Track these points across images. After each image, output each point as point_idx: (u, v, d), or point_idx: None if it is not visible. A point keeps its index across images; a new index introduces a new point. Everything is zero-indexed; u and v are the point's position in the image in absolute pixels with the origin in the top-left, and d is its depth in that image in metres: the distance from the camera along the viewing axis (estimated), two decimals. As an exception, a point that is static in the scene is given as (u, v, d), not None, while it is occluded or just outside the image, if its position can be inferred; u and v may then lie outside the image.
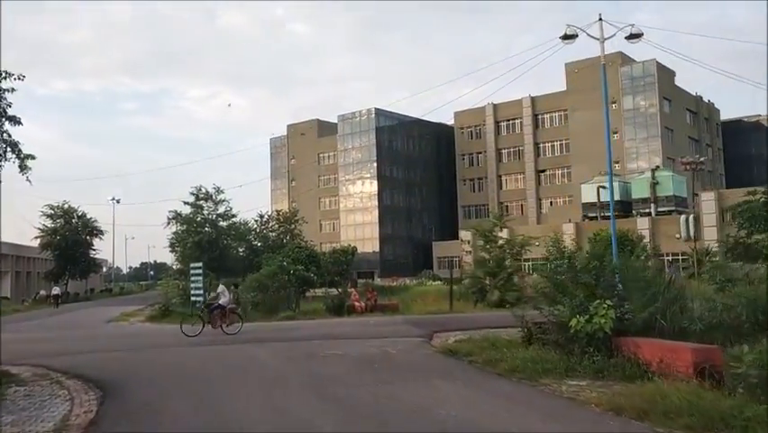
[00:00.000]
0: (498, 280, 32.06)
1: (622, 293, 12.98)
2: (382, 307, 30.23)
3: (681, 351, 10.83)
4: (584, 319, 12.35)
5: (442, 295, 41.00)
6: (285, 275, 29.39)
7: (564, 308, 13.48)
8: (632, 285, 13.22)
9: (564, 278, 13.81)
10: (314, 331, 20.30)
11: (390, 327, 21.14)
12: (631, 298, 13.00)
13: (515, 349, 14.33)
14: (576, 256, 14.79)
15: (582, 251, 55.10)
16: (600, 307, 12.46)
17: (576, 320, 12.43)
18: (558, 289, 13.76)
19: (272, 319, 27.42)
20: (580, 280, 13.37)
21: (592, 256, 14.03)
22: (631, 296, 13.03)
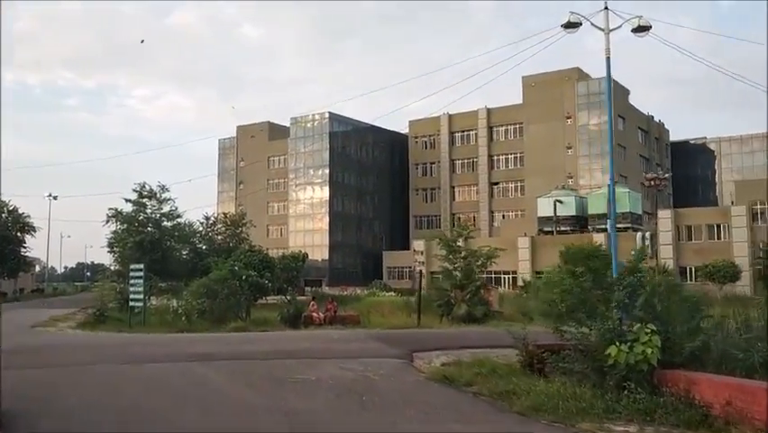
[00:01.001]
0: (465, 294, 29.68)
1: (663, 316, 10.61)
2: (342, 319, 27.45)
3: (759, 392, 8.49)
4: (626, 348, 9.93)
5: (397, 307, 38.55)
6: (236, 281, 26.36)
7: (591, 332, 11.08)
8: (674, 306, 10.87)
9: (591, 294, 11.38)
10: (272, 346, 17.40)
11: (359, 344, 18.42)
12: (673, 321, 10.66)
13: (523, 379, 11.89)
14: (598, 271, 12.22)
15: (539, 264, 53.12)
16: (642, 332, 10.08)
17: (616, 348, 9.98)
18: (584, 307, 11.34)
19: (221, 330, 24.35)
20: (613, 298, 10.96)
21: (626, 270, 11.55)
22: (673, 319, 10.69)
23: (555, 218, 63.04)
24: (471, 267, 31.32)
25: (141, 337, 21.97)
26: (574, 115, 77.22)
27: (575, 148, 77.12)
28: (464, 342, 19.25)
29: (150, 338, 21.84)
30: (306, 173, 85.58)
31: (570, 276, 11.94)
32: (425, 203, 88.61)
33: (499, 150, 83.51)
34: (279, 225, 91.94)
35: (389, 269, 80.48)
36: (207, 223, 64.95)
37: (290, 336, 21.45)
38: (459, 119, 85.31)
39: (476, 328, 25.48)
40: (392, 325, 26.46)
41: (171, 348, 17.28)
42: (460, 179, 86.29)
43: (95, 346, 18.96)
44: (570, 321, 11.60)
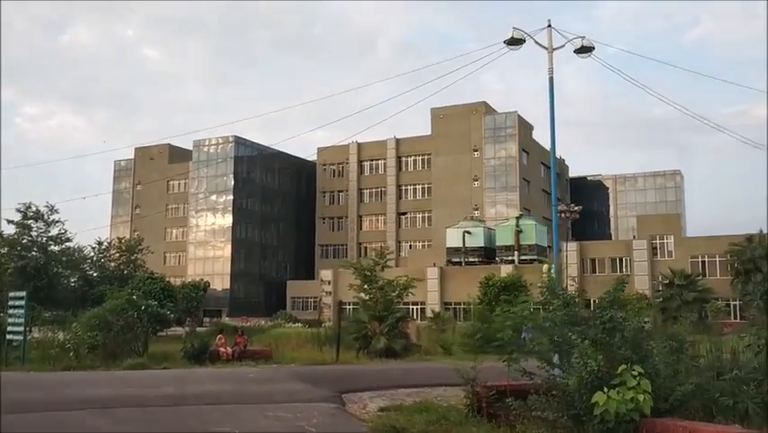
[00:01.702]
0: (384, 326, 27.96)
1: (647, 355, 9.32)
2: (252, 354, 25.10)
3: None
4: (616, 394, 8.52)
5: (305, 339, 36.43)
6: (134, 311, 23.53)
7: (565, 374, 9.65)
8: (658, 344, 9.61)
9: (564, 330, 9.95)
10: (179, 389, 15.03)
11: (279, 385, 16.33)
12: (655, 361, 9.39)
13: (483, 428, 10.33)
14: (575, 302, 10.84)
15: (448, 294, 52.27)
16: (629, 374, 8.72)
17: (604, 395, 8.56)
18: (560, 345, 9.90)
19: (115, 367, 21.51)
20: (594, 337, 9.57)
21: (605, 303, 10.21)
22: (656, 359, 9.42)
23: (464, 249, 62.77)
24: (391, 298, 29.71)
25: (19, 377, 18.89)
26: (481, 148, 78.00)
27: (481, 180, 77.76)
28: (394, 380, 17.57)
29: (30, 378, 18.82)
30: (207, 198, 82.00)
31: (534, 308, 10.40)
32: (331, 232, 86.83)
33: (408, 180, 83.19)
34: (178, 253, 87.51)
35: (294, 299, 77.90)
36: (100, 248, 60.41)
37: (198, 375, 18.98)
38: (368, 148, 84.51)
39: (398, 364, 23.83)
40: (308, 360, 24.42)
41: (56, 392, 14.59)
42: (368, 209, 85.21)
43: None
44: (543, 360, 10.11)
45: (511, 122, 77.58)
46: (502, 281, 30.65)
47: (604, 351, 9.42)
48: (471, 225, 64.88)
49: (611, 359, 9.37)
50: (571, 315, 10.14)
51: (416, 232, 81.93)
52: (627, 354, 9.13)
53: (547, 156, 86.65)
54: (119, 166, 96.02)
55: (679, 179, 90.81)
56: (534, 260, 60.16)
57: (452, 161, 78.87)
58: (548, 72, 17.11)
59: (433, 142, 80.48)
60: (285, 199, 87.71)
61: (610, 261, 56.56)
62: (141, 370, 20.90)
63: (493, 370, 12.13)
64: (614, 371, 9.02)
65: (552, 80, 17.06)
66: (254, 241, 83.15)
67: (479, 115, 78.67)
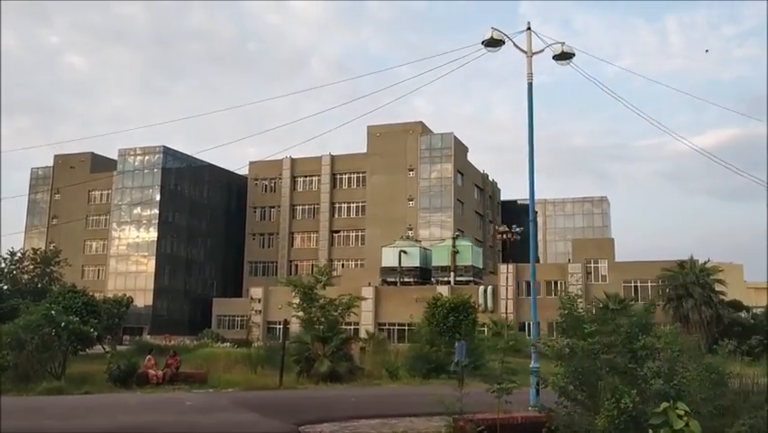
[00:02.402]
0: (329, 348, 26.06)
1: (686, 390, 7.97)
2: (185, 376, 22.77)
3: None
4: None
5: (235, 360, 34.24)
6: (52, 328, 20.85)
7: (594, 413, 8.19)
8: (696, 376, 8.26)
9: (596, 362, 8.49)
10: (108, 421, 12.84)
11: (224, 415, 14.31)
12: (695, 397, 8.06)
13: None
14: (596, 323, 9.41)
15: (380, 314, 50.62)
16: (673, 414, 7.33)
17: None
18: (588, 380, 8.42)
19: (28, 391, 18.88)
20: (623, 368, 8.16)
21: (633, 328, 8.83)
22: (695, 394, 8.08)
23: (399, 269, 61.45)
24: (335, 317, 27.90)
25: None
26: (416, 168, 77.19)
27: (416, 200, 76.86)
28: (351, 410, 15.84)
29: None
30: (131, 210, 77.81)
31: (573, 337, 8.91)
32: (261, 248, 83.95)
33: (342, 197, 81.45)
34: (97, 266, 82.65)
35: (220, 317, 74.47)
36: (12, 259, 55.93)
37: (128, 402, 16.64)
38: (302, 163, 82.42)
39: (348, 390, 22.05)
40: (248, 384, 22.32)
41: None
42: (300, 225, 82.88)
43: None
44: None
45: (447, 142, 77.16)
46: (450, 302, 29.24)
47: (635, 384, 8.02)
48: (407, 244, 63.70)
49: (642, 393, 7.99)
50: (594, 343, 8.66)
51: (349, 250, 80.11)
52: (663, 388, 7.75)
53: (481, 178, 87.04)
54: (36, 174, 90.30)
55: (605, 205, 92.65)
56: (471, 281, 59.38)
57: (387, 179, 77.72)
58: (527, 78, 16.00)
59: (368, 161, 79.18)
60: (214, 214, 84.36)
61: (545, 283, 56.29)
62: (58, 395, 18.39)
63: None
64: (649, 408, 7.63)
65: (530, 86, 15.93)
66: (180, 256, 79.39)
67: (415, 135, 77.95)
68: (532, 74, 15.84)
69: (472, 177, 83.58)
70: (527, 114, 15.76)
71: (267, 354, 36.69)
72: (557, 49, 15.98)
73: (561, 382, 8.45)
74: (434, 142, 77.69)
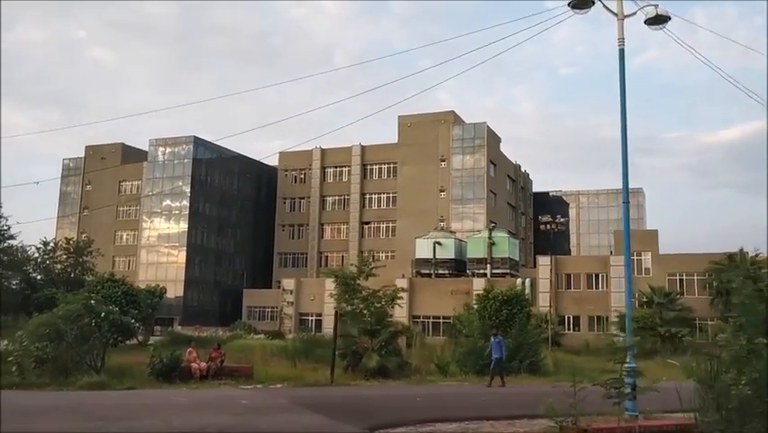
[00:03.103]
0: (377, 342, 24.53)
1: None
2: (230, 371, 21.37)
3: None
4: None
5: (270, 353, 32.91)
6: (92, 319, 19.53)
7: None
8: None
9: None
10: (161, 421, 11.39)
11: (287, 417, 12.81)
12: None
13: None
14: None
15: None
16: None
17: None
18: None
19: (68, 385, 17.58)
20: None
21: None
22: None
23: (434, 261, 59.78)
24: (383, 310, 26.34)
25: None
26: (448, 158, 75.38)
27: (448, 191, 75.06)
28: (420, 411, 14.29)
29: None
30: (162, 201, 76.90)
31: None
32: (291, 240, 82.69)
33: (372, 188, 79.83)
34: (128, 257, 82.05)
35: (250, 308, 73.35)
36: (45, 249, 55.19)
37: (178, 400, 15.18)
38: (332, 154, 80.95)
39: (404, 387, 20.53)
40: (298, 380, 20.88)
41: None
42: (330, 217, 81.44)
43: None
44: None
45: (480, 132, 75.21)
46: (503, 295, 27.54)
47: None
48: (442, 235, 61.93)
49: None
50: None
51: (379, 242, 78.51)
52: None
53: (513, 169, 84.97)
54: (67, 165, 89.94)
55: (641, 197, 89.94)
56: (507, 274, 57.52)
57: (418, 170, 76.01)
58: (618, 43, 14.25)
59: (399, 151, 77.49)
60: (243, 205, 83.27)
61: (586, 276, 54.28)
62: (101, 391, 17.06)
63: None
64: None
65: (622, 52, 14.19)
66: (210, 247, 78.42)
67: (447, 125, 76.06)
68: (624, 39, 14.12)
69: (505, 168, 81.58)
70: (619, 82, 14.02)
71: (304, 346, 35.44)
72: (650, 12, 14.17)
73: (743, 390, 6.75)
74: (467, 132, 75.78)
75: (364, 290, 29.39)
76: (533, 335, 26.96)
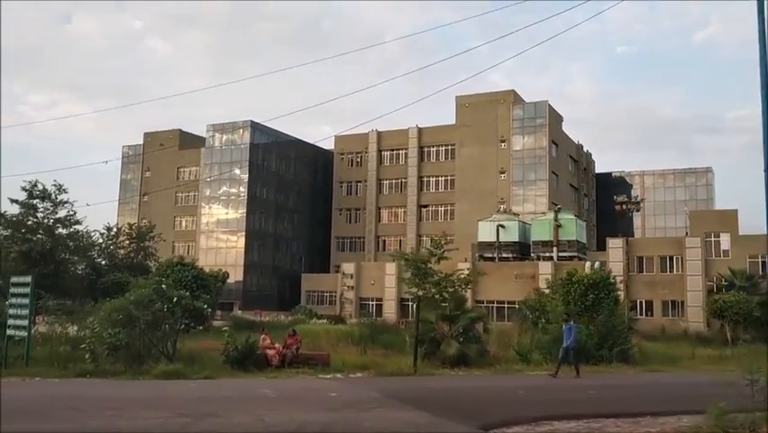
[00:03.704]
0: (456, 328, 23.13)
1: None
2: (306, 358, 20.29)
3: None
4: None
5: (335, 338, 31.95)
6: (164, 304, 18.66)
7: None
8: None
9: None
10: (247, 419, 10.22)
11: (386, 413, 11.52)
12: None
13: None
14: None
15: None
16: None
17: None
18: None
19: (142, 374, 16.72)
20: None
21: None
22: None
23: (497, 244, 57.91)
24: (462, 294, 24.92)
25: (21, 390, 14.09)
26: (509, 139, 73.11)
27: (508, 173, 72.88)
28: (530, 406, 12.85)
29: (35, 390, 13.99)
30: (220, 186, 76.88)
31: None
32: (348, 224, 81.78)
33: (430, 171, 78.13)
34: (187, 242, 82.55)
35: (309, 293, 72.78)
36: (109, 234, 55.48)
37: (260, 391, 14.08)
38: (388, 137, 79.50)
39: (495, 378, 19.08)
40: (377, 369, 19.65)
41: (75, 421, 9.74)
42: (387, 200, 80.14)
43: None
44: None
45: (541, 112, 72.64)
46: (589, 279, 25.76)
47: None
48: (505, 218, 59.88)
49: None
50: None
51: (438, 225, 76.55)
52: None
53: (575, 149, 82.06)
54: (127, 152, 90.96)
55: (710, 176, 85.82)
56: (575, 257, 55.25)
57: (477, 151, 73.98)
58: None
59: (457, 132, 75.53)
60: (300, 189, 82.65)
61: (659, 259, 51.60)
62: (178, 379, 16.13)
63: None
64: None
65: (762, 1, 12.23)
66: (268, 232, 78.07)
67: (506, 105, 73.70)
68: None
69: (567, 148, 78.79)
70: (758, 33, 12.13)
71: (370, 332, 34.39)
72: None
73: None
74: (527, 111, 73.31)
75: (436, 274, 27.98)
76: (621, 321, 25.07)
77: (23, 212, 39.06)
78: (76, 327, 24.81)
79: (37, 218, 39.46)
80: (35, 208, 39.25)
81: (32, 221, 39.37)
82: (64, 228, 40.69)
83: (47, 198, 39.34)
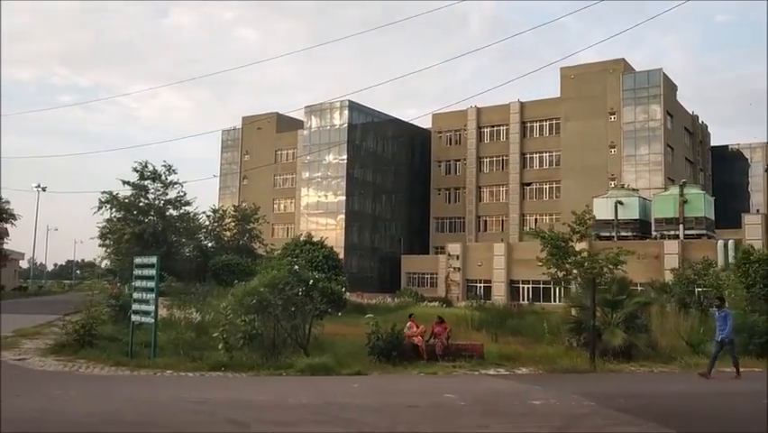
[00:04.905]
0: (620, 316, 19.70)
1: None
2: (457, 349, 17.43)
3: None
4: None
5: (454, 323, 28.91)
6: (301, 288, 16.23)
7: None
8: None
9: None
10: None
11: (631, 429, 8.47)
12: None
13: None
14: None
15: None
16: None
17: None
18: None
19: (282, 369, 14.31)
20: None
21: None
22: None
23: (616, 222, 53.42)
24: (625, 276, 21.42)
25: (158, 391, 11.89)
26: (619, 111, 67.84)
27: (619, 147, 67.71)
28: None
29: (176, 393, 11.73)
30: (319, 168, 75.20)
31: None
32: (447, 204, 78.65)
33: (533, 147, 73.81)
34: (286, 225, 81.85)
35: (409, 275, 70.40)
36: (215, 216, 54.65)
37: (440, 394, 11.31)
38: (488, 113, 75.58)
39: (679, 374, 15.60)
40: (546, 363, 16.54)
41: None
42: (488, 179, 76.40)
43: (55, 424, 8.61)
44: None
45: (655, 80, 66.98)
46: (767, 257, 21.68)
47: None
48: (624, 194, 55.21)
49: None
50: None
51: (541, 204, 72.67)
52: None
53: (690, 121, 75.62)
54: (226, 136, 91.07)
55: None
56: (703, 235, 50.13)
57: (584, 125, 69.15)
58: None
59: (562, 106, 70.83)
60: (398, 169, 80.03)
61: (807, 237, 45.96)
62: (325, 375, 13.64)
63: None
64: None
65: None
66: (366, 213, 75.94)
67: (616, 74, 68.36)
68: None
69: (682, 119, 72.67)
70: None
71: (493, 316, 31.51)
72: None
73: None
74: (639, 80, 67.82)
75: (579, 254, 24.53)
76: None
77: (135, 193, 38.12)
78: (194, 312, 23.07)
79: (148, 199, 38.46)
80: (146, 189, 38.24)
81: (144, 202, 38.41)
82: (174, 209, 39.58)
83: (157, 179, 38.24)
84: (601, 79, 68.64)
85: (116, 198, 37.92)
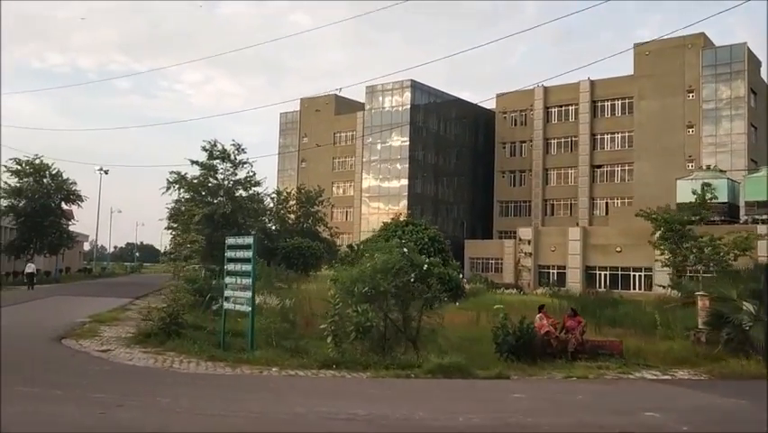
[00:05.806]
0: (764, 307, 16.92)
1: None
2: (593, 346, 15.03)
3: None
4: None
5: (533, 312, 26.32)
6: (415, 274, 14.04)
7: None
8: None
9: None
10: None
11: None
12: None
13: None
14: None
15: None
16: None
17: None
18: None
19: (407, 368, 12.17)
20: None
21: None
22: None
23: (703, 205, 49.65)
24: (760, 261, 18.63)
25: (286, 401, 9.88)
26: (698, 89, 63.59)
27: (697, 127, 63.53)
28: None
29: (308, 406, 9.71)
30: (379, 150, 72.93)
31: None
32: (512, 187, 75.57)
33: (604, 128, 70.03)
34: (345, 208, 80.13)
35: (473, 260, 67.61)
36: (279, 198, 53.08)
37: (637, 411, 8.97)
38: (556, 92, 72.00)
39: None
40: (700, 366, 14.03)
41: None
42: (555, 161, 73.01)
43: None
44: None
45: (738, 56, 62.48)
46: None
47: None
48: (711, 176, 51.33)
49: None
50: None
51: (613, 187, 69.00)
52: None
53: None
54: (285, 119, 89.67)
55: None
56: (801, 219, 46.20)
57: (659, 104, 65.13)
58: None
59: (635, 84, 66.84)
60: (460, 151, 77.23)
61: None
62: (459, 377, 11.45)
63: None
64: None
65: None
66: (429, 196, 73.49)
67: (695, 50, 63.99)
68: None
69: (766, 97, 67.78)
70: None
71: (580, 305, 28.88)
72: None
73: None
74: (721, 56, 63.33)
75: (700, 238, 21.82)
76: None
77: (204, 173, 36.63)
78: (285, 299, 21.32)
79: (217, 180, 36.94)
80: (215, 169, 36.70)
81: (213, 183, 36.91)
82: (244, 190, 37.98)
83: (226, 159, 36.66)
84: (679, 55, 64.42)
85: (184, 177, 36.48)
